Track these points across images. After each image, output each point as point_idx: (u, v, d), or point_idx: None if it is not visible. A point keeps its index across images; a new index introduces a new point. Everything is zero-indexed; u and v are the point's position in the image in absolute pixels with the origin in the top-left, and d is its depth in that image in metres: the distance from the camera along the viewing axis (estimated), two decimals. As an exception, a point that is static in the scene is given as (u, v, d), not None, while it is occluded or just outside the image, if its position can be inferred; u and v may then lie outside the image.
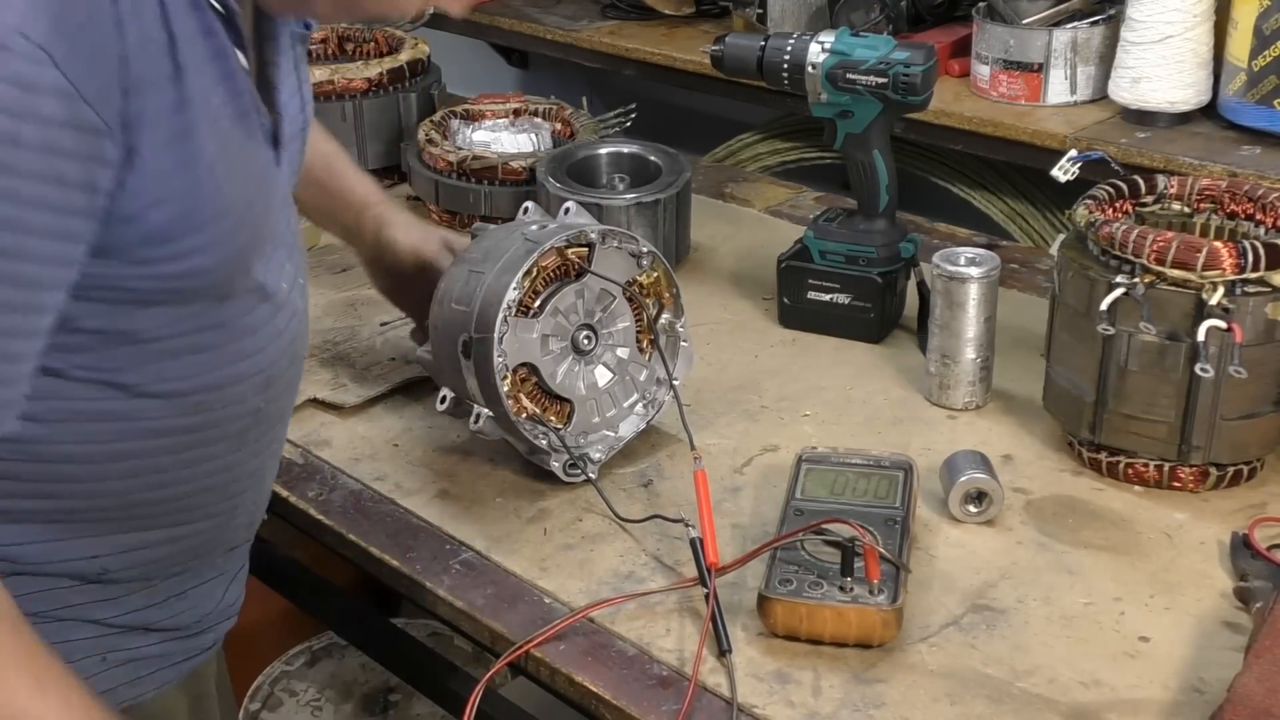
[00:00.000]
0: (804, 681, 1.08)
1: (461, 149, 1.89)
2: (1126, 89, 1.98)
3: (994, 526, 1.26)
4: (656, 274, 1.37)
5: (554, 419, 1.32)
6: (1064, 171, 1.39)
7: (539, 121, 2.01)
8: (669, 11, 2.61)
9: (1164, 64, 1.94)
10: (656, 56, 2.47)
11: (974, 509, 1.26)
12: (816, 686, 1.08)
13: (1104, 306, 1.24)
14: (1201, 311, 1.21)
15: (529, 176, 1.82)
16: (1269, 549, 1.19)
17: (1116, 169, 1.40)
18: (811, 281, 1.60)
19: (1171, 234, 1.23)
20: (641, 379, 1.37)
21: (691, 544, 1.18)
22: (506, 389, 1.27)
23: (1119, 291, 1.24)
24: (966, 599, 1.17)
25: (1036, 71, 2.07)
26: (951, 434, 1.41)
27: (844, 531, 1.14)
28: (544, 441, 1.30)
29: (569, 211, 1.39)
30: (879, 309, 1.58)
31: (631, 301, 1.36)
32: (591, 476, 1.31)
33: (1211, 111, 1.98)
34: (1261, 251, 1.20)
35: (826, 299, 1.59)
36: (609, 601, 1.17)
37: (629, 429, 1.37)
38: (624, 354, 1.36)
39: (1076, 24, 2.07)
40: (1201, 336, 1.21)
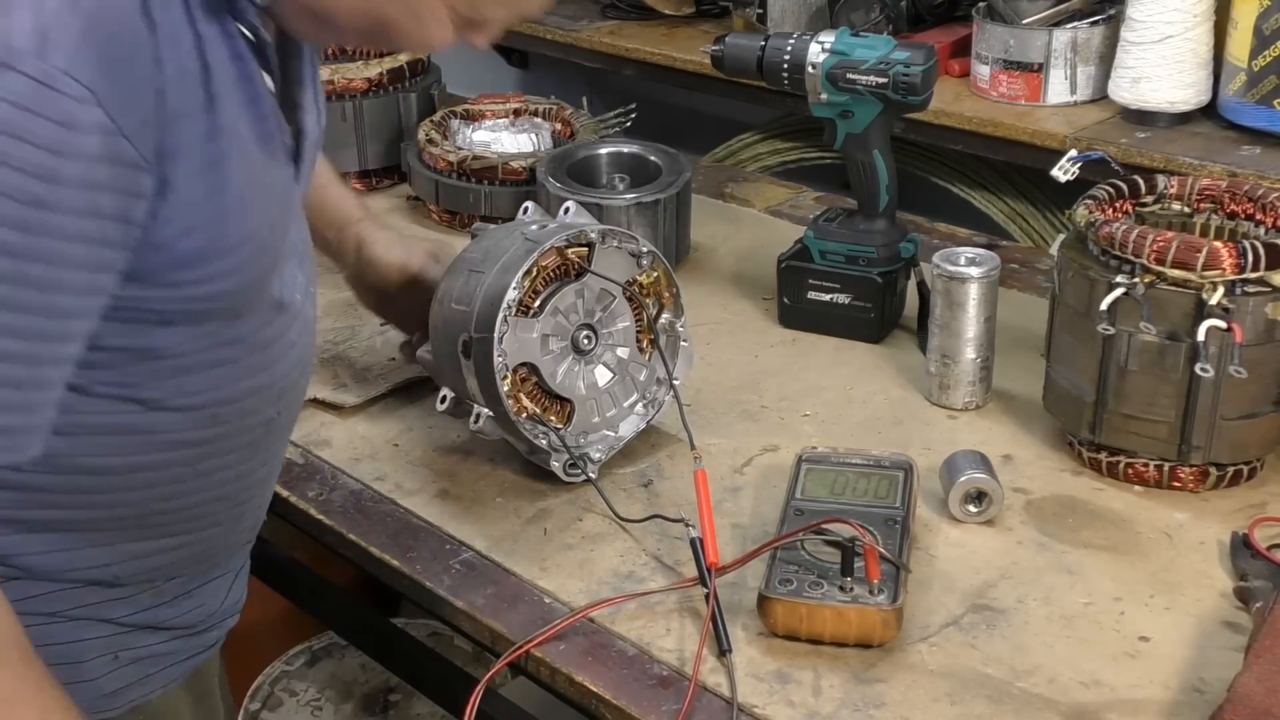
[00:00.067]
0: (804, 681, 1.08)
1: (461, 149, 1.89)
2: (1126, 89, 1.98)
3: (994, 526, 1.26)
4: (656, 274, 1.37)
5: (554, 419, 1.32)
6: (1064, 171, 1.39)
7: (539, 121, 2.01)
8: (669, 11, 2.61)
9: (1164, 64, 1.94)
10: (656, 56, 2.47)
11: (974, 509, 1.26)
12: (816, 686, 1.08)
13: (1104, 306, 1.24)
14: (1201, 311, 1.21)
15: (529, 176, 1.82)
16: (1269, 549, 1.19)
17: (1116, 169, 1.40)
18: (811, 281, 1.60)
19: (1171, 234, 1.23)
20: (641, 379, 1.37)
21: (691, 544, 1.18)
22: (506, 389, 1.27)
23: (1119, 291, 1.24)
24: (966, 599, 1.17)
25: (1036, 71, 2.07)
26: (951, 434, 1.41)
27: (844, 531, 1.14)
28: (544, 441, 1.30)
29: (569, 211, 1.39)
30: (879, 309, 1.58)
31: (631, 301, 1.36)
32: (591, 476, 1.31)
33: (1211, 111, 1.98)
34: (1261, 251, 1.20)
35: (826, 299, 1.59)
36: (609, 601, 1.17)
37: (629, 429, 1.37)
38: (624, 354, 1.36)
39: (1076, 24, 2.07)
40: (1201, 336, 1.21)
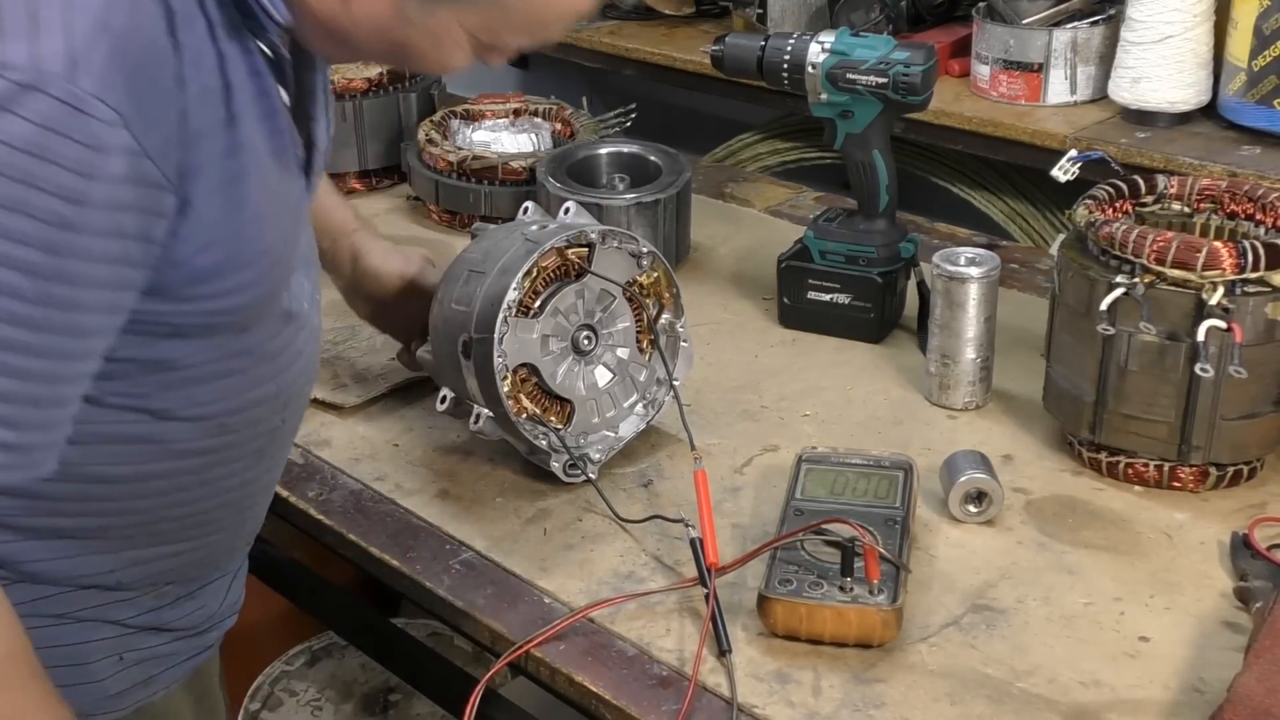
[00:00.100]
0: (804, 681, 1.08)
1: (461, 149, 1.89)
2: (1126, 89, 1.98)
3: (994, 526, 1.26)
4: (656, 274, 1.37)
5: (554, 419, 1.32)
6: (1064, 171, 1.39)
7: (539, 121, 2.01)
8: (669, 11, 2.61)
9: (1164, 64, 1.94)
10: (656, 56, 2.47)
11: (974, 509, 1.26)
12: (816, 686, 1.08)
13: (1104, 306, 1.24)
14: (1201, 311, 1.21)
15: (529, 176, 1.82)
16: (1269, 549, 1.19)
17: (1116, 169, 1.40)
18: (811, 281, 1.60)
19: (1171, 234, 1.23)
20: (641, 379, 1.37)
21: (691, 544, 1.18)
22: (506, 389, 1.27)
23: (1119, 291, 1.24)
24: (966, 599, 1.17)
25: (1036, 71, 2.07)
26: (951, 434, 1.41)
27: (844, 531, 1.14)
28: (544, 442, 1.30)
29: (569, 211, 1.39)
30: (879, 309, 1.58)
31: (631, 301, 1.36)
32: (591, 476, 1.31)
33: (1211, 111, 1.99)
34: (1261, 251, 1.20)
35: (826, 299, 1.59)
36: (609, 601, 1.17)
37: (629, 429, 1.37)
38: (624, 354, 1.36)
39: (1076, 24, 2.07)
40: (1201, 336, 1.21)
